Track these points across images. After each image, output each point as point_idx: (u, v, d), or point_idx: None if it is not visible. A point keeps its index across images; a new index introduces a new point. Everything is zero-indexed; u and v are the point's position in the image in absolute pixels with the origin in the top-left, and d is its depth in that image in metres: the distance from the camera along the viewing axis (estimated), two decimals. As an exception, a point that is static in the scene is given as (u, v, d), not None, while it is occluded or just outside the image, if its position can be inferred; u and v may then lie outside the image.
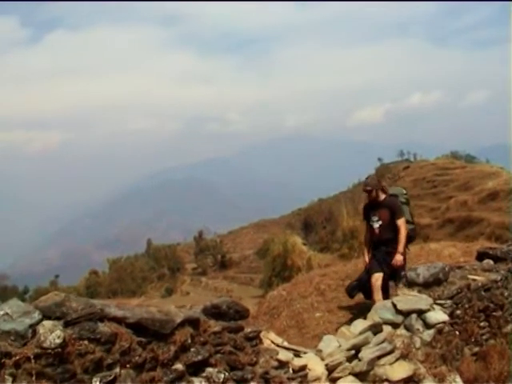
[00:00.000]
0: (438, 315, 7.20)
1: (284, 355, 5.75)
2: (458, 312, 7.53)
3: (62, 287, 52.90)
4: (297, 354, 6.02)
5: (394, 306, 7.13)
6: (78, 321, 4.12)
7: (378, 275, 8.29)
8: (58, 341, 3.90)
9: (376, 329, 6.69)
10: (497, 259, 8.87)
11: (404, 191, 9.42)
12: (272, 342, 5.93)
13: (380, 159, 76.03)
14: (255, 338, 5.50)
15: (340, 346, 6.37)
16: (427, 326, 7.10)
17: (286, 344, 6.13)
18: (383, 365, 6.48)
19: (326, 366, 6.12)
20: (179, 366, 4.71)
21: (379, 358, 6.47)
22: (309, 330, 8.77)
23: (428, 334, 7.06)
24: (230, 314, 5.32)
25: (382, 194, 8.70)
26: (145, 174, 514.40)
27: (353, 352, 6.35)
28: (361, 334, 6.54)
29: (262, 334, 5.72)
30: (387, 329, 6.88)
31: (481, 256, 9.21)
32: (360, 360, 6.33)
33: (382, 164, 73.53)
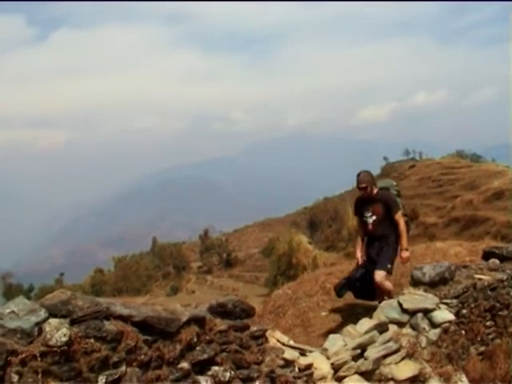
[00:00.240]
0: (443, 314, 7.18)
1: (290, 354, 5.75)
2: (464, 311, 7.51)
3: (67, 285, 52.96)
4: (302, 353, 6.02)
5: (400, 305, 7.12)
6: (83, 319, 4.12)
7: (382, 273, 8.01)
8: (64, 339, 3.90)
9: (382, 328, 6.68)
10: (503, 258, 8.85)
11: (394, 183, 9.13)
12: (278, 340, 5.93)
13: (385, 158, 75.97)
14: (261, 337, 5.50)
15: (346, 345, 6.37)
16: (433, 325, 7.09)
17: (292, 343, 6.13)
18: (389, 364, 6.47)
19: (332, 364, 6.12)
20: (185, 365, 4.71)
21: (385, 357, 6.46)
22: (314, 329, 8.75)
23: (434, 334, 7.05)
24: (236, 312, 5.31)
25: (375, 188, 8.39)
26: (149, 173, 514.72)
27: (358, 351, 6.34)
28: (366, 333, 6.53)
29: (267, 333, 5.72)
30: (393, 328, 6.87)
31: (487, 255, 9.19)
32: (366, 359, 6.32)
33: (388, 163, 73.45)
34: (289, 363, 5.67)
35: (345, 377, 6.13)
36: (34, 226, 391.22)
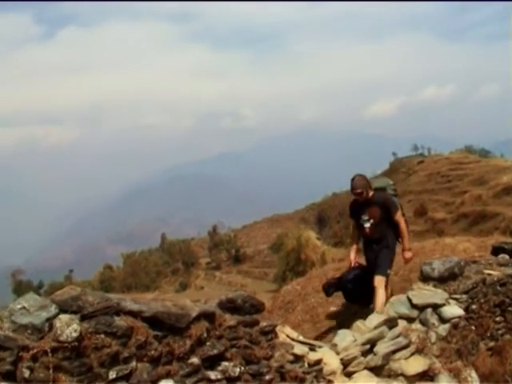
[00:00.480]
0: (453, 310, 7.17)
1: (299, 349, 5.76)
2: (474, 307, 7.50)
3: (77, 282, 52.99)
4: (312, 348, 6.02)
5: (410, 300, 7.11)
6: (94, 315, 4.14)
7: (381, 278, 7.91)
8: (74, 334, 3.92)
9: (391, 323, 6.68)
10: (512, 254, 8.84)
11: (391, 182, 8.90)
12: (287, 336, 5.93)
13: (394, 153, 75.66)
14: (270, 332, 5.51)
15: (355, 341, 6.37)
16: (442, 320, 7.08)
17: (302, 338, 6.13)
18: (398, 359, 6.47)
19: (341, 360, 6.12)
20: (195, 360, 4.72)
21: (394, 352, 6.46)
22: (323, 325, 8.77)
23: (443, 329, 7.04)
24: (246, 308, 5.31)
25: (370, 190, 8.14)
26: (158, 170, 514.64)
27: (368, 346, 6.35)
28: (376, 328, 6.53)
29: (277, 329, 5.72)
30: (402, 323, 6.87)
31: (496, 250, 9.17)
32: (375, 354, 6.33)
33: (396, 158, 73.14)
34: (298, 358, 5.67)
35: (354, 372, 6.13)
36: (43, 224, 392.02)
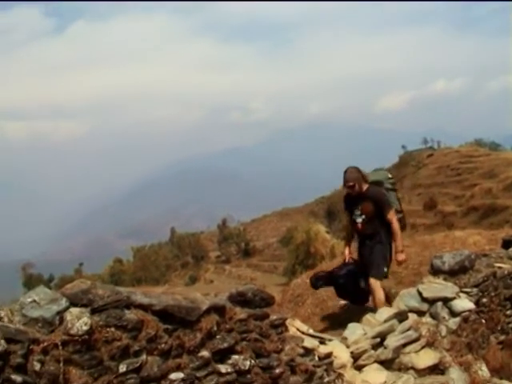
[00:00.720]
0: (463, 303, 7.15)
1: (309, 343, 5.75)
2: (484, 300, 7.48)
3: (87, 275, 53.12)
4: (322, 342, 6.02)
5: (420, 293, 7.10)
6: (104, 308, 4.14)
7: (377, 280, 7.67)
8: (85, 328, 3.92)
9: (401, 316, 6.66)
10: (523, 247, 8.80)
11: (389, 175, 8.42)
12: (297, 329, 5.93)
13: (404, 146, 75.46)
14: (281, 326, 5.50)
15: (365, 334, 6.36)
16: (453, 314, 7.06)
17: (312, 331, 6.12)
18: (409, 353, 6.46)
19: (352, 353, 6.12)
20: (205, 353, 4.72)
21: (404, 345, 6.45)
22: (333, 318, 8.76)
23: (454, 322, 7.02)
24: (256, 301, 5.30)
25: (364, 184, 7.82)
26: (168, 163, 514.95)
27: (378, 340, 6.34)
28: (386, 321, 6.52)
29: (287, 322, 5.72)
30: (413, 317, 6.85)
31: (506, 244, 9.12)
32: (385, 348, 6.32)
33: (406, 151, 72.97)
34: (308, 352, 5.67)
35: (364, 365, 6.13)
36: (53, 218, 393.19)
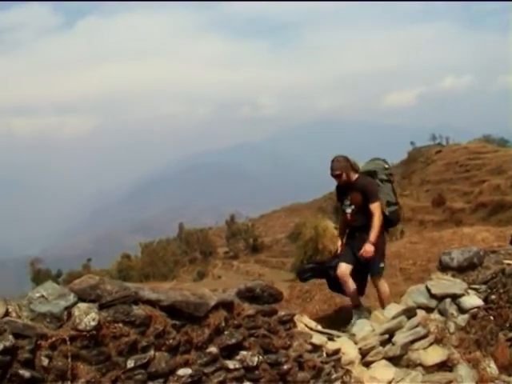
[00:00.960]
0: (472, 300, 7.13)
1: (318, 339, 5.75)
2: (493, 297, 7.46)
3: (95, 271, 53.15)
4: (330, 338, 6.02)
5: (428, 290, 7.08)
6: (112, 303, 4.15)
7: (345, 267, 7.39)
8: (92, 323, 3.94)
9: (410, 313, 6.66)
10: (531, 244, 8.77)
11: (386, 165, 7.95)
12: (305, 325, 5.93)
13: (412, 143, 75.29)
14: (289, 322, 5.50)
15: (373, 330, 6.37)
16: (461, 310, 7.05)
17: (320, 328, 6.12)
18: (417, 349, 6.46)
19: (360, 349, 6.13)
20: (213, 349, 4.73)
21: (413, 342, 6.45)
22: (342, 314, 8.75)
23: (462, 319, 7.01)
24: (264, 297, 5.30)
25: (354, 173, 7.58)
26: (176, 159, 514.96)
27: (386, 336, 6.34)
28: (394, 318, 6.52)
29: (295, 318, 5.72)
30: (421, 313, 6.84)
31: (515, 240, 9.10)
32: (393, 344, 6.32)
33: (414, 148, 72.80)
34: (317, 348, 5.67)
35: (372, 362, 6.13)
36: (61, 214, 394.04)
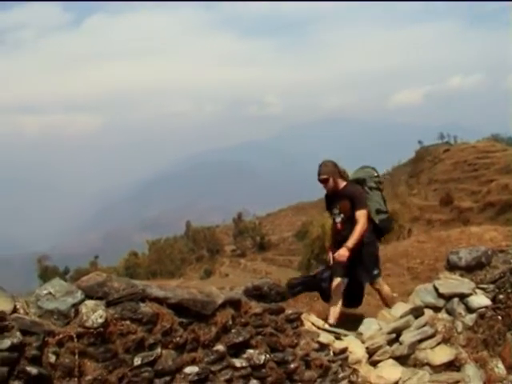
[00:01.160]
0: (480, 299, 7.11)
1: (325, 338, 5.75)
2: (501, 297, 7.44)
3: (102, 268, 53.24)
4: (337, 337, 6.01)
5: (436, 289, 7.06)
6: (119, 301, 4.15)
7: (339, 280, 7.24)
8: (100, 320, 3.93)
9: (417, 312, 6.64)
10: (540, 243, 8.74)
11: (375, 173, 7.78)
12: (313, 324, 5.92)
13: (420, 142, 75.16)
14: (296, 320, 5.50)
15: (381, 329, 6.35)
16: (469, 310, 7.03)
17: (327, 326, 6.12)
18: (424, 349, 6.44)
19: (367, 349, 6.11)
20: (220, 347, 4.72)
21: (420, 341, 6.43)
22: (349, 313, 8.73)
23: (470, 319, 6.99)
24: (271, 295, 5.30)
25: (342, 180, 7.41)
26: (183, 157, 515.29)
27: (393, 335, 6.32)
28: (402, 317, 6.51)
29: (302, 316, 5.71)
30: (429, 312, 6.82)
31: (524, 240, 9.08)
32: (401, 343, 6.30)
33: (422, 146, 72.68)
34: (324, 347, 5.67)
35: (380, 361, 6.12)
36: (69, 211, 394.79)
